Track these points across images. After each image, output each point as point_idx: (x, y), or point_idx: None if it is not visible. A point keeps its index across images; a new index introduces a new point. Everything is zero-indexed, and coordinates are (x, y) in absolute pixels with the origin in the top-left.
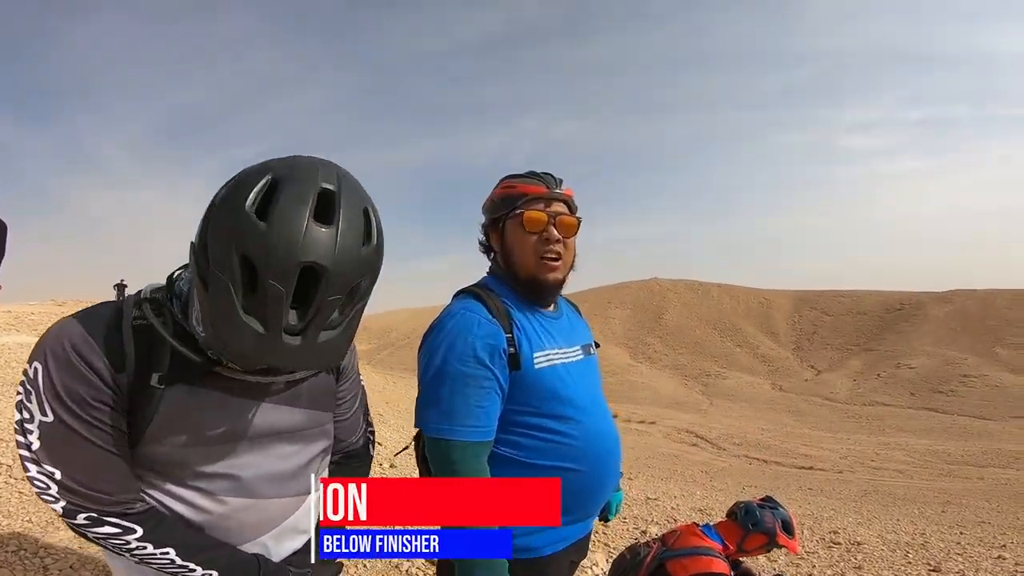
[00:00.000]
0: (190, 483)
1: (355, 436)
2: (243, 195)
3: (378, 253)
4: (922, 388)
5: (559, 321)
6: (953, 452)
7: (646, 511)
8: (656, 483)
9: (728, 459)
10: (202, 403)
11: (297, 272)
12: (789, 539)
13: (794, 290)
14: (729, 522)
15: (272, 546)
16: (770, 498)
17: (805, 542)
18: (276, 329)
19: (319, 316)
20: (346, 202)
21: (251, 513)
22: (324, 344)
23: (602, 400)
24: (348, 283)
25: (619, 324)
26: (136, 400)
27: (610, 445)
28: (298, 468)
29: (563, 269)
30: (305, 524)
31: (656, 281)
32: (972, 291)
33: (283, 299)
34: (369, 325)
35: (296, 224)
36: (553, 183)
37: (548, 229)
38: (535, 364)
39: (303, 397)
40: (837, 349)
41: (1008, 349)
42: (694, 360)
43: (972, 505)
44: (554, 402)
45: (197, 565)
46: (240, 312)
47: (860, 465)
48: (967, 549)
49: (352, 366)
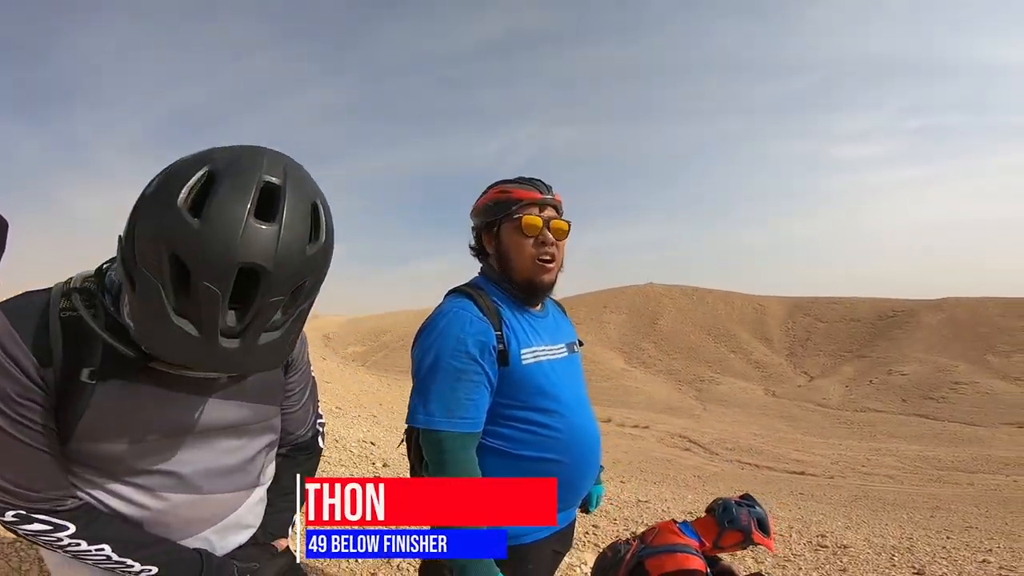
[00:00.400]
0: (127, 479)
1: (304, 428)
2: (176, 189)
3: (326, 251)
4: (913, 395)
5: (545, 320)
6: (943, 458)
7: (637, 513)
8: (648, 486)
9: (720, 464)
10: (137, 399)
11: (234, 273)
12: (764, 537)
13: (788, 296)
14: (707, 518)
15: (216, 540)
16: (748, 496)
17: (792, 545)
18: (211, 332)
19: (259, 318)
20: (292, 197)
21: (193, 508)
22: (265, 346)
23: (585, 396)
24: (291, 284)
25: (614, 329)
26: (65, 396)
27: (591, 439)
28: (243, 462)
29: (555, 271)
30: (250, 518)
31: (651, 286)
32: (964, 299)
33: (219, 301)
34: (364, 327)
35: (233, 222)
36: (545, 189)
37: (543, 233)
38: (522, 360)
39: (248, 391)
40: (830, 355)
41: (999, 357)
42: (688, 365)
43: (960, 510)
44: (539, 396)
45: (135, 561)
46: (171, 313)
47: (851, 470)
48: (952, 553)
49: (301, 358)
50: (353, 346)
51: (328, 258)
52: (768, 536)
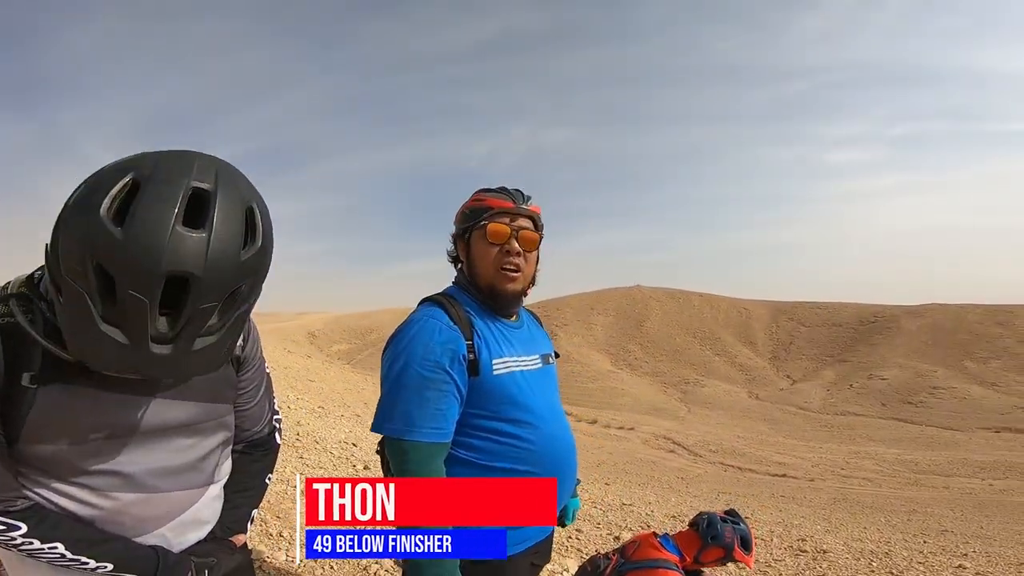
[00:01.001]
0: (75, 480)
1: (259, 425)
2: (99, 198)
3: (262, 255)
4: (893, 399)
5: (519, 331)
6: (921, 462)
7: (620, 517)
8: (632, 489)
9: (704, 466)
10: (78, 402)
11: (161, 282)
12: (745, 555)
13: (773, 300)
14: (689, 532)
15: (172, 537)
16: (733, 511)
17: (773, 549)
18: (141, 339)
19: (192, 324)
20: (223, 202)
21: (145, 507)
22: (201, 351)
23: (559, 408)
24: (224, 289)
25: (601, 330)
26: (8, 401)
27: (566, 451)
28: (195, 461)
29: (522, 281)
30: (206, 515)
31: (639, 289)
32: (944, 306)
33: (146, 310)
34: (350, 325)
35: (158, 230)
36: (520, 199)
37: (510, 242)
38: (493, 370)
39: (198, 390)
40: (812, 359)
41: (977, 363)
42: (674, 367)
43: (937, 514)
44: (511, 407)
45: (90, 558)
46: (99, 322)
47: (831, 473)
48: (929, 558)
49: (253, 355)
50: (338, 344)
51: (265, 261)
52: (749, 554)
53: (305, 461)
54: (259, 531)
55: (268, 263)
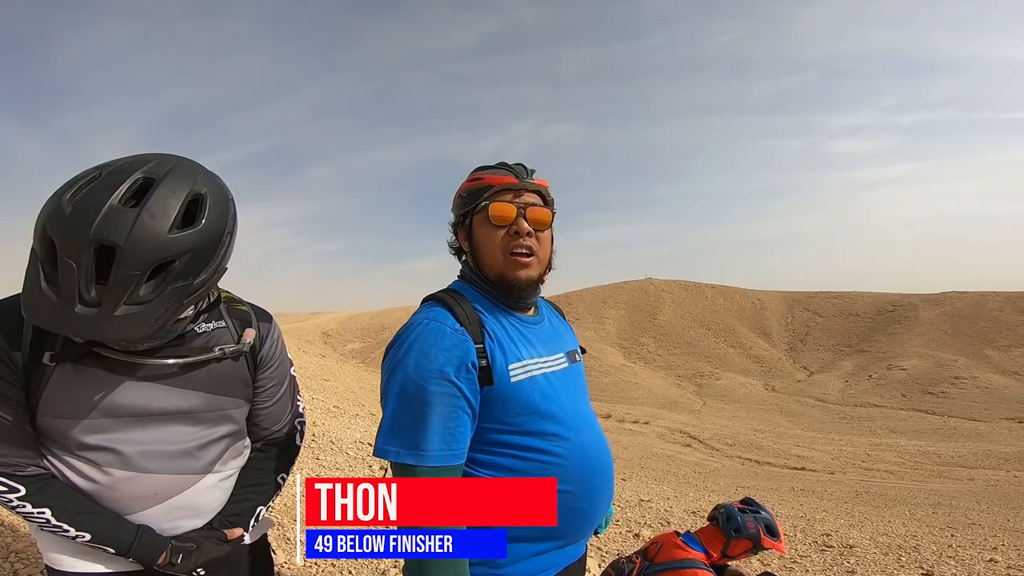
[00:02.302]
0: (77, 453)
1: (279, 425)
2: (69, 185)
3: (200, 237)
4: (913, 389)
5: (539, 327)
6: (943, 453)
7: (639, 514)
8: (650, 484)
9: (721, 459)
10: (84, 380)
11: (90, 249)
12: (774, 541)
13: (787, 291)
14: (711, 528)
15: (161, 520)
16: (750, 500)
17: (798, 545)
18: (69, 300)
19: (114, 290)
20: (164, 187)
21: (135, 485)
22: (124, 317)
23: (589, 411)
24: (147, 261)
25: (613, 324)
26: (31, 375)
27: (601, 461)
28: (193, 448)
29: (536, 266)
30: (204, 504)
31: (651, 281)
32: (963, 293)
33: (75, 273)
34: (364, 324)
35: (95, 206)
36: (524, 172)
37: (518, 222)
38: (511, 377)
39: (201, 381)
40: (829, 350)
41: (998, 351)
42: (688, 360)
43: (962, 506)
44: (535, 418)
45: (71, 526)
46: (42, 283)
47: (851, 466)
48: (959, 552)
49: (272, 356)
50: (352, 343)
51: (207, 245)
52: (777, 539)
53: (321, 463)
54: (276, 535)
55: (212, 247)
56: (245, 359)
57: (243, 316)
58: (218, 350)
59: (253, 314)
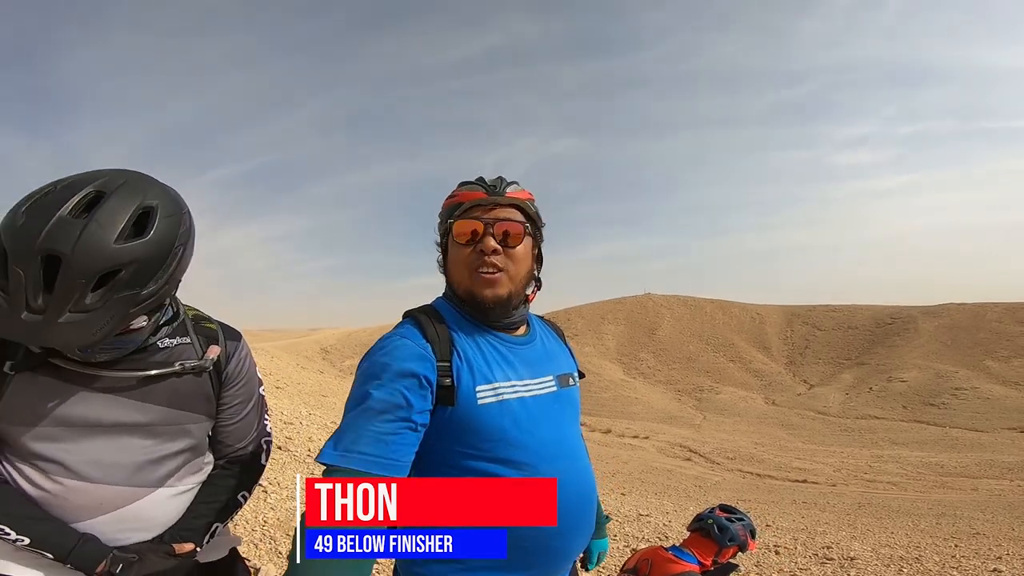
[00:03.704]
0: (31, 461)
1: (243, 443)
2: (25, 198)
3: (148, 248)
4: (914, 401)
5: (526, 348)
6: (946, 464)
7: (637, 528)
8: (649, 498)
9: (722, 473)
10: (39, 389)
11: (38, 258)
12: (753, 542)
13: (786, 305)
14: (698, 538)
15: (107, 531)
16: (729, 507)
17: (798, 558)
18: (16, 307)
19: (60, 298)
20: (113, 200)
21: (81, 494)
22: (67, 324)
23: (574, 439)
24: (92, 270)
25: (612, 340)
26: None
27: (578, 494)
28: (145, 461)
29: (506, 283)
30: (155, 517)
31: (649, 296)
32: (962, 305)
33: (22, 281)
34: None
35: (45, 217)
36: (497, 186)
37: (484, 239)
38: (478, 399)
39: (160, 395)
40: (829, 363)
41: (999, 362)
42: (687, 375)
43: (966, 516)
44: (503, 445)
45: (11, 529)
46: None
47: (854, 478)
48: (962, 562)
49: (239, 374)
50: (351, 359)
51: (155, 256)
52: (754, 540)
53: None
54: (269, 549)
55: (161, 258)
56: (209, 376)
57: (209, 333)
58: (179, 365)
59: (221, 332)
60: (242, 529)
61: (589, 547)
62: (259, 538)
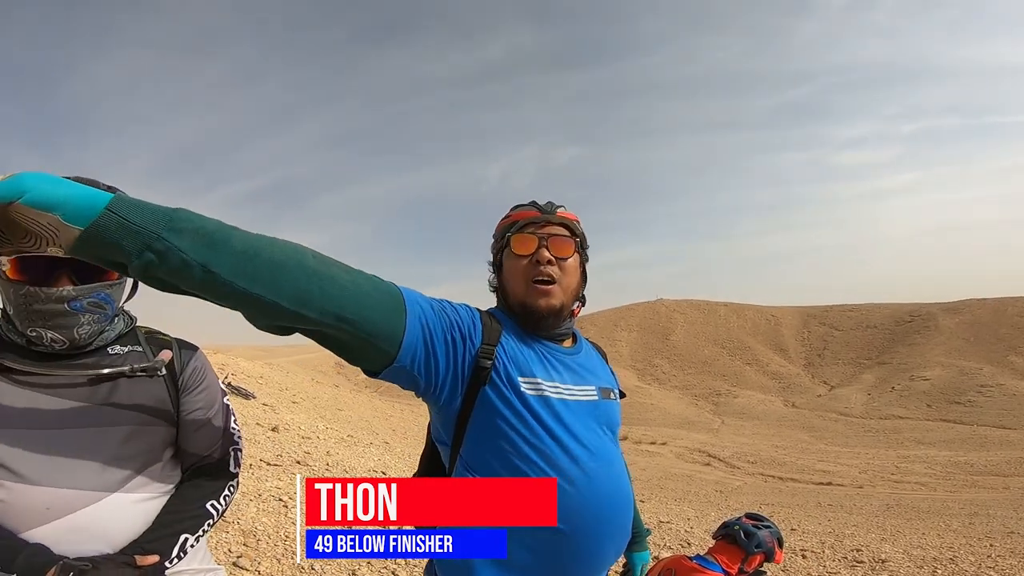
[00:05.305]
0: None
1: (208, 451)
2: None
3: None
4: (939, 399)
5: (572, 357)
6: (975, 462)
7: (658, 536)
8: (669, 505)
9: (743, 477)
10: None
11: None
12: (781, 551)
13: (801, 306)
14: (725, 545)
15: (59, 542)
16: (757, 514)
17: (826, 561)
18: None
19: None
20: None
21: (25, 498)
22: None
23: (613, 449)
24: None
25: (626, 346)
26: None
27: (611, 501)
28: (95, 464)
29: (559, 295)
30: (110, 528)
31: (662, 302)
32: (983, 300)
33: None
34: None
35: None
36: (548, 207)
37: (539, 251)
38: (520, 387)
39: (109, 395)
40: (849, 363)
41: (1023, 357)
42: (703, 379)
43: (999, 515)
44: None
45: None
46: None
47: (880, 479)
48: (999, 562)
49: (196, 381)
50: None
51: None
52: (781, 549)
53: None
54: (291, 564)
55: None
56: (165, 382)
57: (162, 343)
58: (129, 368)
59: (176, 344)
60: (264, 544)
61: (632, 559)
62: (281, 553)
